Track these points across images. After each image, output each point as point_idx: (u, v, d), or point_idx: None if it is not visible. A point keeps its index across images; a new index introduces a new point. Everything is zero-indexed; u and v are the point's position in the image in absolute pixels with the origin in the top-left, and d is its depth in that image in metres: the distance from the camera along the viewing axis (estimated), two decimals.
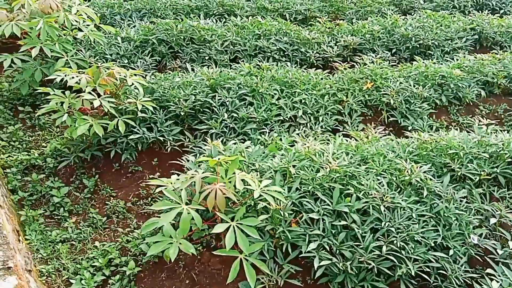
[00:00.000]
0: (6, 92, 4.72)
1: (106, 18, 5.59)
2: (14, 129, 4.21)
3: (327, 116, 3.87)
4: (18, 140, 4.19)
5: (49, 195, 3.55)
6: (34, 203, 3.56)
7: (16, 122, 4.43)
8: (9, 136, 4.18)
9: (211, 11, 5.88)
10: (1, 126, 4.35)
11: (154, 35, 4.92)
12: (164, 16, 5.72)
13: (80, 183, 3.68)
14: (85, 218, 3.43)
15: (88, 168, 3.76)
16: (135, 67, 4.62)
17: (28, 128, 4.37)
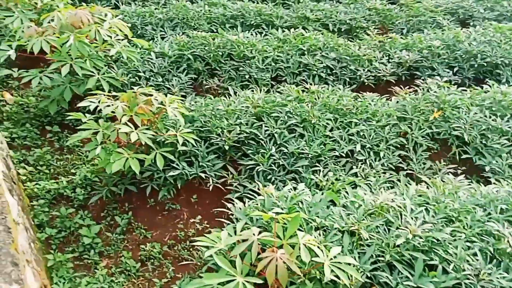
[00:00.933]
0: (33, 109, 4.48)
1: (137, 28, 5.30)
2: (42, 152, 3.96)
3: (389, 151, 3.46)
4: (46, 164, 3.94)
5: (78, 233, 3.28)
6: (63, 241, 3.29)
7: (44, 142, 4.18)
8: (36, 159, 3.93)
9: (248, 21, 5.51)
10: (28, 148, 4.12)
11: (190, 50, 4.59)
12: (198, 26, 5.38)
13: (111, 220, 3.39)
14: (117, 263, 3.14)
15: (121, 202, 3.47)
16: (170, 86, 4.30)
17: (56, 150, 4.11)
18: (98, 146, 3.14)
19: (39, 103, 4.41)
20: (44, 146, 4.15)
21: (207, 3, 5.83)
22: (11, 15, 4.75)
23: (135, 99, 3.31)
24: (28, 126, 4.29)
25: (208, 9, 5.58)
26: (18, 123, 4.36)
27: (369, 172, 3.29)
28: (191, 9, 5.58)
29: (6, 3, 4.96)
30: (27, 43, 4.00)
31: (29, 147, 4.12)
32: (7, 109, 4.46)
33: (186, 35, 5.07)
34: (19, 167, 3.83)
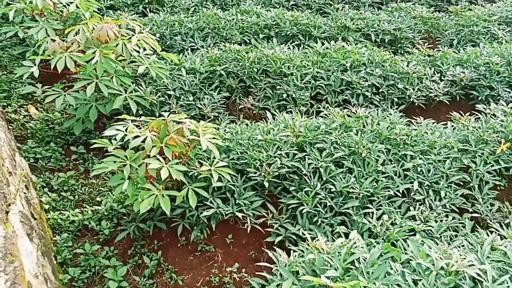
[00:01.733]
0: (58, 126, 4.27)
1: (166, 38, 5.03)
2: (66, 176, 3.73)
3: (450, 189, 3.07)
4: (70, 190, 3.71)
5: (104, 275, 3.03)
6: (87, 282, 3.05)
7: (68, 164, 3.96)
8: (60, 184, 3.71)
9: (283, 31, 5.17)
10: (52, 170, 3.91)
11: (222, 66, 4.29)
12: (230, 37, 5.07)
13: (139, 259, 3.12)
14: None
15: (150, 240, 3.19)
16: (201, 105, 4.01)
17: (80, 174, 3.89)
18: (125, 181, 2.87)
19: (64, 121, 4.19)
20: (69, 168, 3.93)
21: (239, 11, 5.51)
22: (35, 25, 4.56)
23: (166, 127, 3.03)
24: (53, 145, 4.08)
25: (241, 18, 5.26)
26: (43, 141, 4.16)
27: (429, 215, 2.92)
28: (223, 17, 5.27)
29: (31, 11, 4.77)
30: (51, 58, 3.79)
31: (53, 170, 3.91)
32: (31, 125, 4.27)
33: (218, 48, 4.77)
34: (42, 193, 3.62)
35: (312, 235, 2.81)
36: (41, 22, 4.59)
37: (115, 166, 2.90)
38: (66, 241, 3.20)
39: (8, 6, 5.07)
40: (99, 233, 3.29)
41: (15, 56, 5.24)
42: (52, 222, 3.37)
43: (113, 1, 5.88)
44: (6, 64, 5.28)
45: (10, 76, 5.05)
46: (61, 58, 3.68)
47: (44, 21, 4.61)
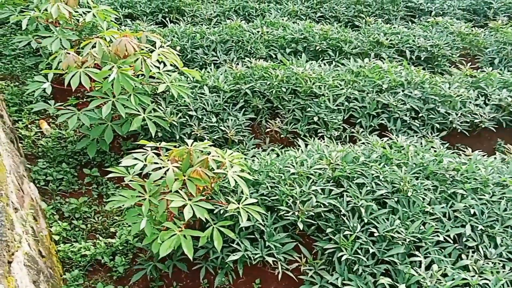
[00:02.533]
0: (70, 144, 4.04)
1: (187, 51, 4.78)
2: (78, 203, 3.49)
3: (506, 234, 2.74)
4: (82, 217, 3.47)
5: None
6: None
7: (81, 188, 3.72)
8: (71, 211, 3.47)
9: (312, 45, 4.88)
10: (63, 194, 3.67)
11: (248, 84, 4.02)
12: (254, 51, 4.81)
13: None
14: None
15: (168, 281, 2.90)
16: (225, 127, 3.74)
17: (94, 200, 3.64)
18: (142, 219, 2.60)
19: (77, 139, 3.96)
20: (81, 192, 3.69)
21: (265, 23, 5.25)
22: (50, 35, 4.35)
23: (189, 156, 2.76)
24: (65, 166, 3.85)
25: (266, 30, 5.00)
26: (54, 160, 3.93)
27: (484, 265, 2.59)
28: (247, 30, 5.01)
29: (45, 20, 4.57)
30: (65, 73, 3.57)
31: (65, 194, 3.67)
32: (43, 143, 4.04)
33: (243, 64, 4.51)
34: (52, 221, 3.38)
35: (352, 286, 2.52)
36: (56, 32, 4.38)
37: (132, 201, 2.64)
38: (76, 279, 2.95)
39: (22, 14, 4.90)
40: (113, 269, 3.02)
41: (28, 66, 5.06)
42: (62, 255, 3.12)
43: (132, 9, 5.67)
44: (18, 74, 5.09)
45: (22, 88, 4.85)
46: (76, 75, 3.45)
47: (59, 31, 4.40)
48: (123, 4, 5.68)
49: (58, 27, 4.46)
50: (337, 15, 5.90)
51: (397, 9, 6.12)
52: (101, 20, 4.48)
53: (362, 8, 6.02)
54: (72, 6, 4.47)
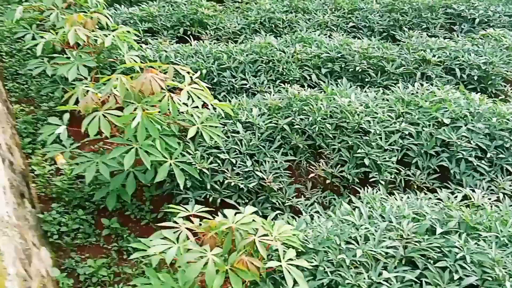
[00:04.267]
0: (87, 187, 3.40)
1: (213, 74, 4.05)
2: (95, 265, 2.87)
3: None
4: (100, 283, 2.84)
5: None
6: None
7: (98, 240, 3.08)
8: (88, 275, 2.85)
9: (350, 65, 4.12)
10: (78, 248, 3.05)
11: (285, 119, 3.30)
12: (287, 72, 4.05)
13: None
14: None
15: None
16: (261, 171, 3.04)
17: (113, 259, 2.99)
18: None
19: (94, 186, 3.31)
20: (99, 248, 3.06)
21: (295, 38, 4.48)
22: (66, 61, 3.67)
23: (231, 237, 2.09)
24: (81, 213, 3.18)
25: (299, 49, 4.24)
26: (70, 204, 3.28)
27: None
28: (277, 48, 4.25)
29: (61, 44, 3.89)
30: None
31: (81, 247, 3.05)
32: (57, 183, 3.41)
33: (276, 89, 3.79)
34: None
35: None
36: (72, 57, 3.70)
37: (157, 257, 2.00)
38: None
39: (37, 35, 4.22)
40: None
41: (43, 85, 4.39)
42: None
43: (152, 23, 4.94)
44: (33, 95, 4.44)
45: (38, 112, 4.20)
46: (95, 119, 2.77)
47: (76, 56, 3.72)
48: (142, 18, 4.94)
49: (75, 51, 3.77)
50: (370, 25, 5.09)
51: (436, 16, 5.28)
52: (121, 43, 3.77)
53: (398, 16, 5.19)
54: (90, 28, 3.76)
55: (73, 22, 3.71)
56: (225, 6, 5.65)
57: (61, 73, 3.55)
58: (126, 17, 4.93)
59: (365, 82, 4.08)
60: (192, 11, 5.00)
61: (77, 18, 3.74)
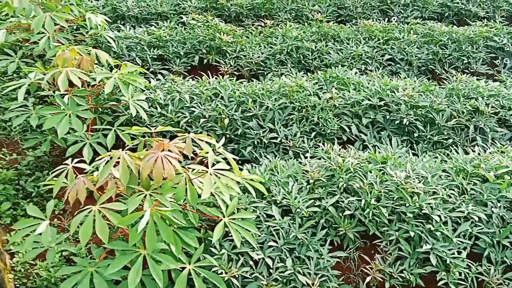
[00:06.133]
0: None
1: (236, 124, 3.16)
2: None
3: None
4: None
5: None
6: None
7: None
8: None
9: (396, 116, 3.24)
10: None
11: (330, 198, 2.45)
12: (323, 122, 3.19)
13: None
14: None
15: None
16: (305, 275, 2.23)
17: None
18: None
19: None
20: None
21: (330, 78, 3.58)
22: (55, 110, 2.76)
23: None
24: None
25: (336, 92, 3.37)
26: None
27: None
28: (310, 91, 3.36)
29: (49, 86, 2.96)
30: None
31: None
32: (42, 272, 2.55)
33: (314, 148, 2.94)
34: None
35: None
36: (63, 104, 2.79)
37: None
38: None
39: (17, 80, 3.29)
40: None
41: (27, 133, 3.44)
42: None
43: (162, 50, 4.00)
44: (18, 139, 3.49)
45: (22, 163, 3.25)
46: (88, 220, 1.91)
47: (69, 102, 2.81)
48: (151, 44, 4.01)
49: (67, 93, 2.86)
50: (408, 58, 4.22)
51: (477, 49, 4.42)
52: (124, 88, 2.87)
53: (437, 49, 4.32)
54: (86, 69, 2.85)
55: (65, 60, 2.80)
56: (246, 28, 4.73)
57: (49, 126, 2.65)
58: (132, 42, 3.99)
59: (412, 136, 3.24)
60: (209, 36, 4.07)
61: (69, 55, 2.82)
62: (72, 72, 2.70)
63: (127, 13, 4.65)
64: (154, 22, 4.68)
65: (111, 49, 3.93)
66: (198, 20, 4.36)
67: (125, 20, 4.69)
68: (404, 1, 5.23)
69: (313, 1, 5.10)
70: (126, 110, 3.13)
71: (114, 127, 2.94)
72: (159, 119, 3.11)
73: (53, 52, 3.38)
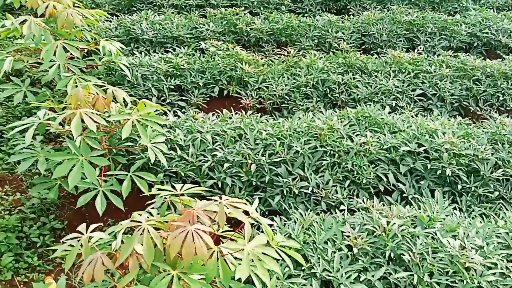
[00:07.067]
0: None
1: (263, 170, 2.86)
2: None
3: None
4: None
5: None
6: None
7: None
8: None
9: (437, 165, 2.96)
10: None
11: (378, 271, 2.16)
12: (358, 170, 2.89)
13: None
14: None
15: None
16: None
17: None
18: None
19: None
20: None
21: (361, 117, 3.29)
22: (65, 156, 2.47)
23: None
24: None
25: (370, 135, 3.08)
26: None
27: None
28: (342, 133, 3.08)
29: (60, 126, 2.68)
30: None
31: None
32: None
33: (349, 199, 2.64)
34: None
35: None
36: (75, 148, 2.50)
37: None
38: None
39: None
40: None
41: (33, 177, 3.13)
42: None
43: (179, 80, 3.72)
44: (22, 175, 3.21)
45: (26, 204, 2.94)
46: None
47: (81, 145, 2.52)
48: (168, 73, 3.73)
49: (80, 136, 2.57)
50: (440, 93, 3.95)
51: None
52: (143, 130, 2.58)
53: (471, 84, 4.05)
54: (101, 109, 2.56)
55: (79, 99, 2.51)
56: (265, 54, 4.46)
57: (60, 176, 2.36)
58: (147, 71, 3.71)
59: (454, 187, 2.95)
60: (230, 66, 3.79)
61: (83, 93, 2.53)
62: (86, 115, 2.41)
63: (141, 36, 4.38)
64: (170, 46, 4.41)
65: (125, 78, 3.66)
66: (218, 47, 4.09)
67: (139, 43, 4.42)
68: (431, 29, 4.99)
69: (336, 27, 4.86)
70: (142, 152, 2.84)
71: (130, 173, 2.64)
72: (179, 163, 2.81)
73: (63, 83, 3.09)
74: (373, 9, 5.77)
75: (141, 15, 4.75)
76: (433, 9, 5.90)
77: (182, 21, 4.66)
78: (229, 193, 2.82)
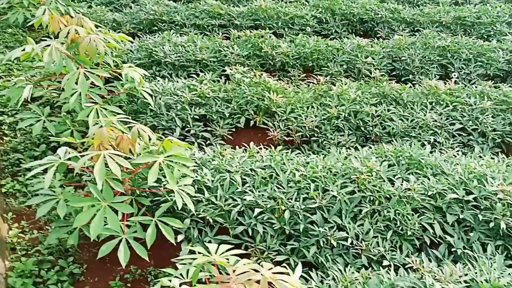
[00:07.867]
0: None
1: (297, 217, 2.60)
2: None
3: None
4: None
5: None
6: None
7: None
8: None
9: (489, 216, 2.68)
10: None
11: None
12: (401, 219, 2.62)
13: None
14: None
15: None
16: None
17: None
18: None
19: None
20: None
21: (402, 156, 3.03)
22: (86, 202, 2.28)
23: None
24: None
25: (413, 180, 2.82)
26: None
27: None
28: (383, 176, 2.82)
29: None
30: None
31: None
32: None
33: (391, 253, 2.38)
34: None
35: None
36: (96, 193, 2.29)
37: None
38: None
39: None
40: None
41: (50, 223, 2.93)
42: None
43: (205, 109, 3.51)
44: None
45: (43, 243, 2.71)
46: None
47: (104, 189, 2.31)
48: (192, 102, 3.54)
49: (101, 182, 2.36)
50: (482, 129, 3.68)
51: None
52: (170, 174, 2.36)
53: None
54: (126, 150, 2.36)
55: (103, 138, 2.31)
56: (291, 80, 4.25)
57: (81, 224, 2.15)
58: (170, 99, 3.51)
59: (508, 241, 2.66)
60: (257, 95, 3.58)
61: (107, 133, 2.33)
62: (111, 158, 2.21)
63: (163, 59, 4.20)
64: (193, 70, 4.23)
65: (148, 106, 3.47)
66: (244, 74, 3.89)
67: (161, 66, 4.24)
68: (466, 55, 4.73)
69: (365, 52, 4.63)
70: (168, 194, 2.62)
71: (154, 218, 2.43)
72: (207, 207, 2.59)
73: (85, 113, 2.93)
74: (401, 31, 5.55)
75: (163, 36, 4.59)
76: (464, 31, 5.64)
77: (206, 43, 4.48)
78: (260, 241, 2.58)
